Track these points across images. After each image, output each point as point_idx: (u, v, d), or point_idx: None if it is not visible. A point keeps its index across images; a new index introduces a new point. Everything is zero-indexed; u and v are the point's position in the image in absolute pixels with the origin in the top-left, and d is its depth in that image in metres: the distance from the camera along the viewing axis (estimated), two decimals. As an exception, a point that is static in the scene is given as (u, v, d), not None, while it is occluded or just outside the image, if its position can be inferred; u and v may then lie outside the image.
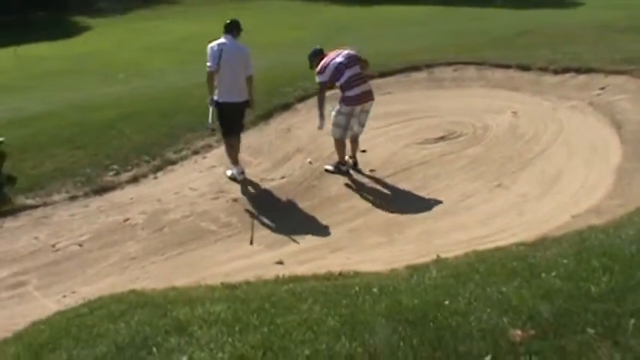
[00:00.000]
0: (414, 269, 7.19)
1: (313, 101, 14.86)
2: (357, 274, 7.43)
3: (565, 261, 6.33)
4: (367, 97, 11.91)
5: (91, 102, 16.47)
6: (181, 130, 13.88)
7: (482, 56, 16.85)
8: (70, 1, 36.01)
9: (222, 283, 7.28)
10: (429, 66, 16.75)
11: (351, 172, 12.07)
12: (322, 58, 11.96)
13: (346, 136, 12.01)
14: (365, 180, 11.84)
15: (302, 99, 15.33)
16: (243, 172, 12.12)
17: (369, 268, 7.99)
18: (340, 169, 12.08)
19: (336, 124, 11.92)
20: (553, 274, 5.93)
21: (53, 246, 10.44)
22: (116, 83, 15.75)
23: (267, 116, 14.59)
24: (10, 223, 11.19)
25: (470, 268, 6.75)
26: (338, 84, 11.76)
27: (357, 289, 6.24)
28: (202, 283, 7.45)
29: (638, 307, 4.90)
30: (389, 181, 11.77)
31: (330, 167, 12.16)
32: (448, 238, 9.37)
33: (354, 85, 11.76)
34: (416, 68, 16.70)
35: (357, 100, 11.78)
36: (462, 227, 9.75)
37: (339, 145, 12.04)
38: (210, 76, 11.65)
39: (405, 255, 8.77)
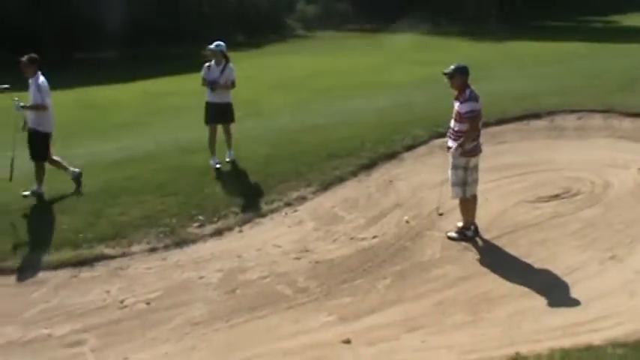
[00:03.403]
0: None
1: (421, 151, 14.14)
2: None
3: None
4: (479, 149, 10.87)
5: (197, 143, 15.96)
6: (276, 179, 13.18)
7: (611, 103, 15.46)
8: (205, 36, 36.10)
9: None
10: (550, 113, 15.54)
11: (477, 238, 10.92)
12: (466, 81, 10.57)
13: (468, 193, 10.86)
14: (465, 243, 10.74)
15: (410, 148, 14.39)
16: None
17: (441, 358, 7.11)
18: (465, 234, 10.91)
19: (456, 183, 10.80)
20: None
21: (122, 302, 9.92)
22: (231, 122, 15.14)
23: (369, 166, 13.69)
24: (85, 273, 10.79)
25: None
26: (464, 128, 10.57)
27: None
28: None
29: None
30: (491, 245, 10.69)
31: (453, 234, 10.99)
32: (541, 322, 8.27)
33: (477, 139, 10.75)
34: (536, 115, 15.49)
35: (473, 152, 10.73)
36: (560, 309, 8.64)
37: (466, 204, 10.92)
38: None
39: (487, 342, 7.79)
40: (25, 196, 12.76)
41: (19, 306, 9.91)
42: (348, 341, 8.14)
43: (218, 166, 13.92)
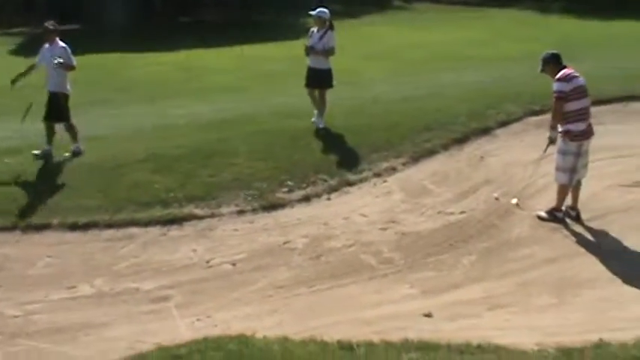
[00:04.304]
0: (565, 354, 6.18)
1: (515, 127, 13.94)
2: (497, 349, 6.44)
3: None
4: (591, 132, 10.63)
5: (292, 109, 16.04)
6: (367, 149, 13.16)
7: None
8: (304, 4, 36.15)
9: (338, 342, 6.49)
10: (651, 95, 15.05)
11: (567, 219, 10.71)
12: (559, 66, 10.46)
13: (573, 181, 10.66)
14: (554, 224, 10.54)
15: (503, 124, 14.21)
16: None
17: (523, 338, 7.15)
18: (556, 216, 10.71)
19: (562, 169, 10.56)
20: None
21: (207, 262, 10.07)
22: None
23: (462, 140, 13.55)
24: (174, 231, 10.97)
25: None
26: (567, 109, 10.34)
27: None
28: (319, 337, 6.69)
29: None
30: (581, 228, 10.46)
31: (542, 214, 10.80)
32: (629, 310, 8.09)
33: (582, 119, 10.46)
34: (635, 97, 15.08)
35: (583, 135, 10.49)
36: (648, 297, 8.39)
37: (564, 190, 10.70)
38: None
39: (571, 327, 7.67)
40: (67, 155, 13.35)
41: (109, 260, 10.19)
42: (429, 315, 8.11)
43: (314, 119, 14.41)
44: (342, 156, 13.00)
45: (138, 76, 23.98)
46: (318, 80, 14.26)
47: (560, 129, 10.46)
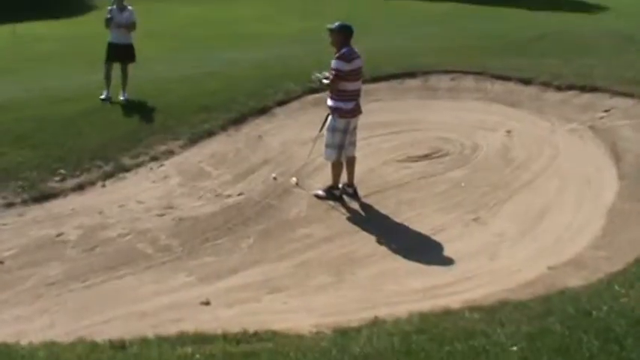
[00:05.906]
0: (341, 335, 6.22)
1: (294, 106, 13.97)
2: (274, 335, 6.40)
3: (514, 348, 5.33)
4: (359, 110, 10.72)
5: (66, 92, 15.31)
6: (145, 131, 12.82)
7: (483, 65, 15.55)
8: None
9: (110, 341, 6.21)
10: (425, 73, 15.48)
11: (344, 196, 10.79)
12: (346, 41, 10.37)
13: (342, 157, 10.70)
14: (332, 202, 10.62)
15: (282, 103, 14.17)
16: None
17: (301, 321, 7.11)
18: (333, 194, 10.78)
19: (331, 145, 10.60)
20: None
21: (-28, 263, 9.36)
22: (100, 71, 14.69)
23: (240, 120, 13.42)
24: None
25: (402, 343, 5.73)
26: (343, 88, 10.37)
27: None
28: (90, 337, 6.37)
29: None
30: (357, 205, 10.61)
31: (320, 192, 10.84)
32: (403, 284, 8.28)
33: (353, 99, 10.53)
34: (411, 74, 15.43)
35: (352, 113, 10.56)
36: (423, 271, 8.66)
37: (337, 167, 10.75)
38: None
39: (348, 304, 7.77)
40: None
41: None
42: (207, 302, 7.95)
43: (103, 97, 14.34)
44: (117, 140, 12.55)
45: None
46: (122, 54, 14.53)
47: (330, 104, 10.53)
